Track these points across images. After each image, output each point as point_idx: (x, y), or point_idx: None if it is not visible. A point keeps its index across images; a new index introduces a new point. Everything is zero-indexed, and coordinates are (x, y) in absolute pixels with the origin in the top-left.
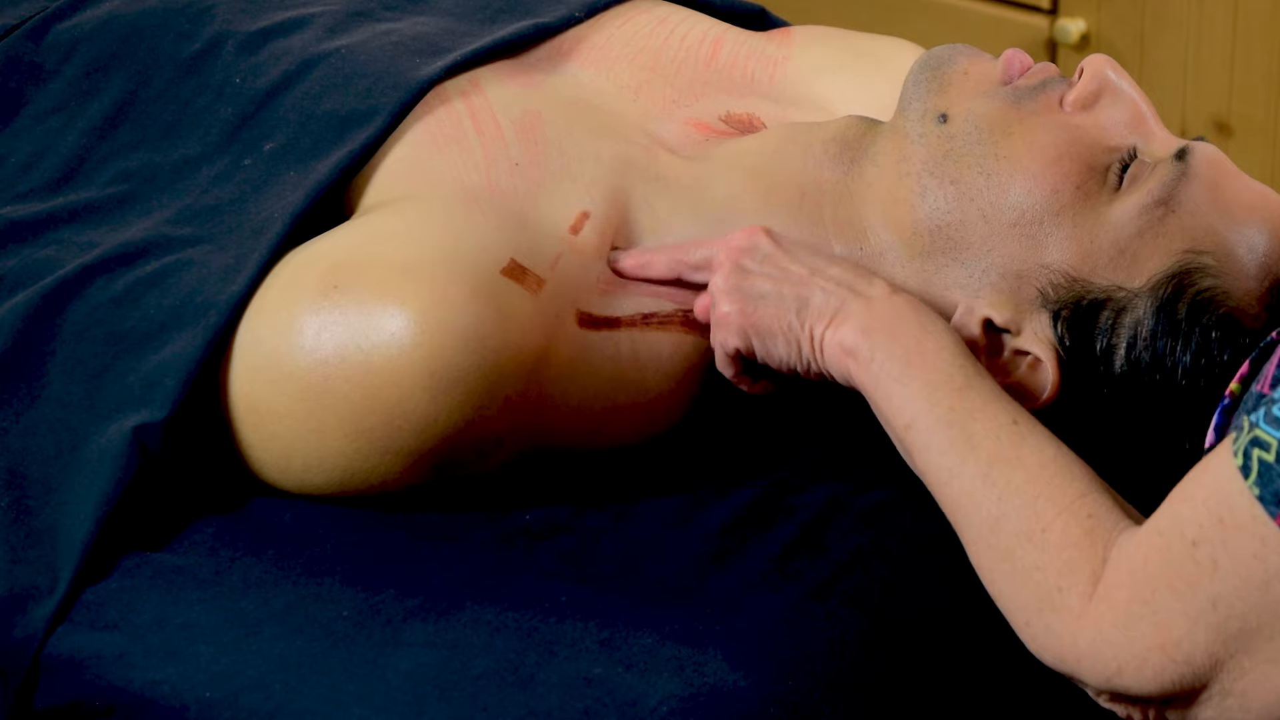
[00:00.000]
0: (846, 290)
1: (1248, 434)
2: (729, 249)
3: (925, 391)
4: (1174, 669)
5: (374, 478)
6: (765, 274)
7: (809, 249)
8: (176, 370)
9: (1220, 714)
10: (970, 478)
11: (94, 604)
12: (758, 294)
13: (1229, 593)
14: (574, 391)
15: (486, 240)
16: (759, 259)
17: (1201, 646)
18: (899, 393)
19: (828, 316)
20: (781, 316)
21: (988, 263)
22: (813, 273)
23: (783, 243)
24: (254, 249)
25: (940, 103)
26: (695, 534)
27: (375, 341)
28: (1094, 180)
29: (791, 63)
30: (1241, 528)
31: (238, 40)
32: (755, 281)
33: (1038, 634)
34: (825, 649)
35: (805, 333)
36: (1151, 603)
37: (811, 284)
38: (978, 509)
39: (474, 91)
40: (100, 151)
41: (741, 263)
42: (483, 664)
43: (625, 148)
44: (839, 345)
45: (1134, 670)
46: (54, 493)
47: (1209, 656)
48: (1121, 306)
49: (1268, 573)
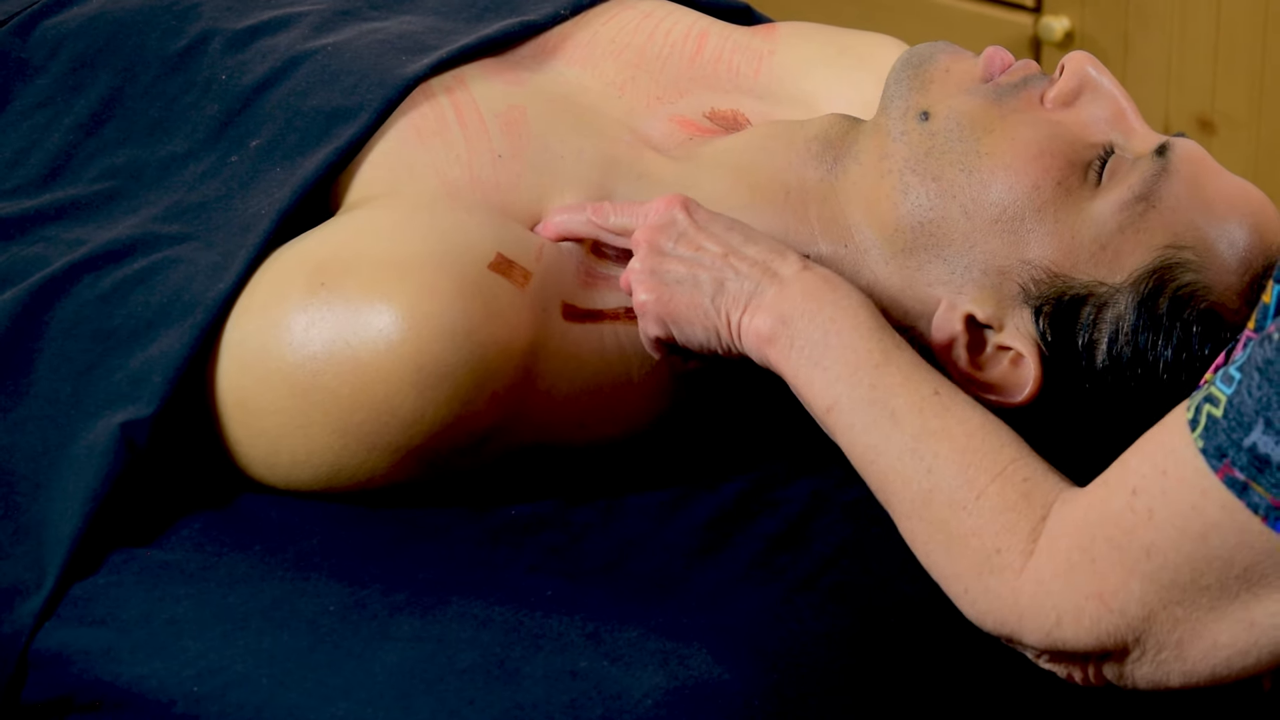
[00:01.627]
0: (761, 272)
1: (1203, 391)
2: (646, 229)
3: (845, 372)
4: (1109, 619)
5: (361, 473)
6: (680, 256)
7: (725, 221)
8: (164, 367)
9: (1156, 670)
10: (897, 454)
11: (81, 599)
12: (673, 279)
13: (1164, 542)
14: (561, 385)
15: (472, 235)
16: (674, 236)
17: (1136, 596)
18: (819, 377)
19: (743, 303)
20: (697, 304)
21: (970, 259)
22: (727, 253)
23: (698, 215)
24: (241, 246)
25: (922, 101)
26: (680, 528)
27: (363, 338)
28: (1075, 176)
29: (776, 57)
30: (1183, 480)
31: (224, 38)
32: (670, 265)
33: (976, 599)
34: (810, 642)
35: (722, 319)
36: (1089, 550)
37: (726, 266)
38: (907, 485)
39: (459, 87)
40: (87, 148)
41: (657, 243)
42: (469, 658)
43: (609, 145)
44: (756, 333)
45: (1072, 621)
46: (42, 489)
47: (1142, 607)
48: (1103, 302)
49: (1205, 525)
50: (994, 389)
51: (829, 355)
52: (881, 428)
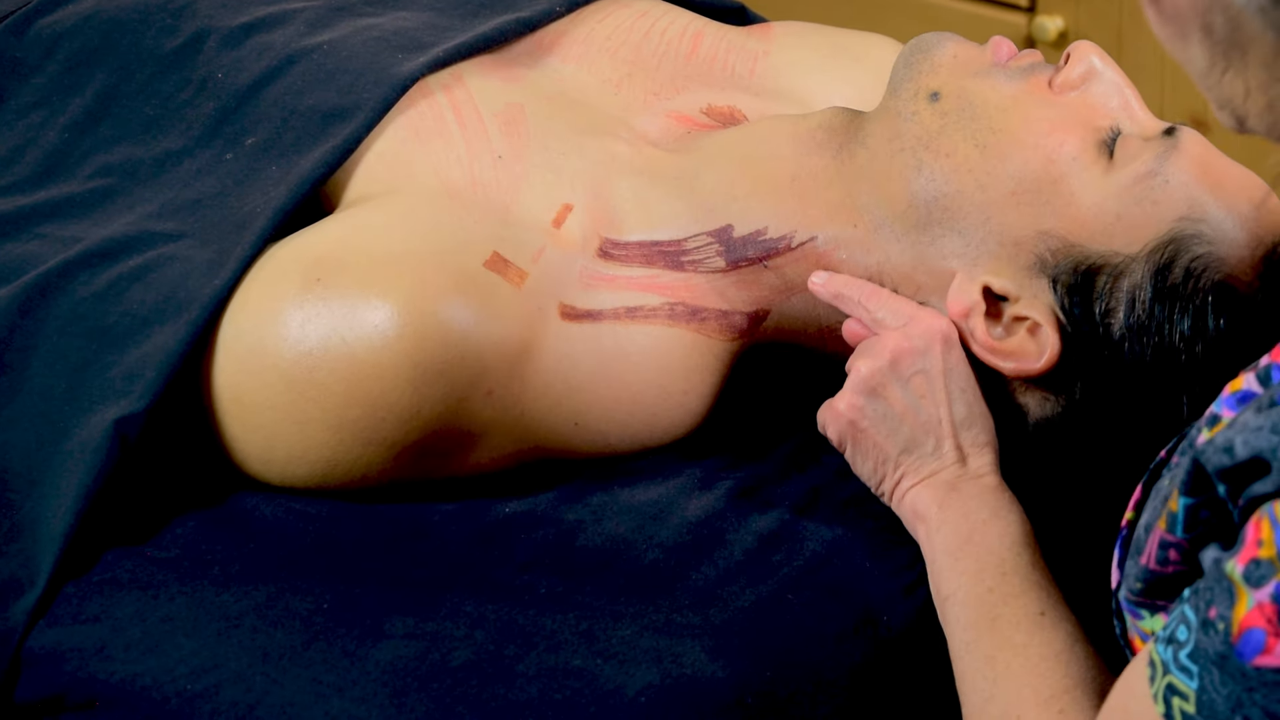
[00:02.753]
0: (955, 458)
1: (1163, 678)
2: (897, 345)
3: (973, 569)
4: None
5: (357, 470)
6: (903, 393)
7: (963, 382)
8: (159, 362)
9: None
10: (979, 656)
11: (75, 597)
12: (879, 413)
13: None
14: (556, 383)
15: (469, 233)
16: (914, 371)
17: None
18: (950, 566)
19: (921, 475)
20: (883, 447)
21: (985, 231)
22: (941, 421)
23: (950, 358)
24: (237, 243)
25: (932, 82)
26: (674, 525)
27: (359, 333)
28: (1089, 151)
29: (772, 57)
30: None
31: (220, 35)
32: (889, 394)
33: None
34: (803, 640)
35: (894, 474)
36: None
37: (929, 435)
38: (975, 688)
39: (456, 85)
40: (82, 146)
41: (897, 366)
42: (463, 655)
43: (608, 141)
44: (913, 507)
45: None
46: (36, 486)
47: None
48: (1119, 272)
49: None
50: (1013, 356)
51: (967, 550)
52: (979, 628)
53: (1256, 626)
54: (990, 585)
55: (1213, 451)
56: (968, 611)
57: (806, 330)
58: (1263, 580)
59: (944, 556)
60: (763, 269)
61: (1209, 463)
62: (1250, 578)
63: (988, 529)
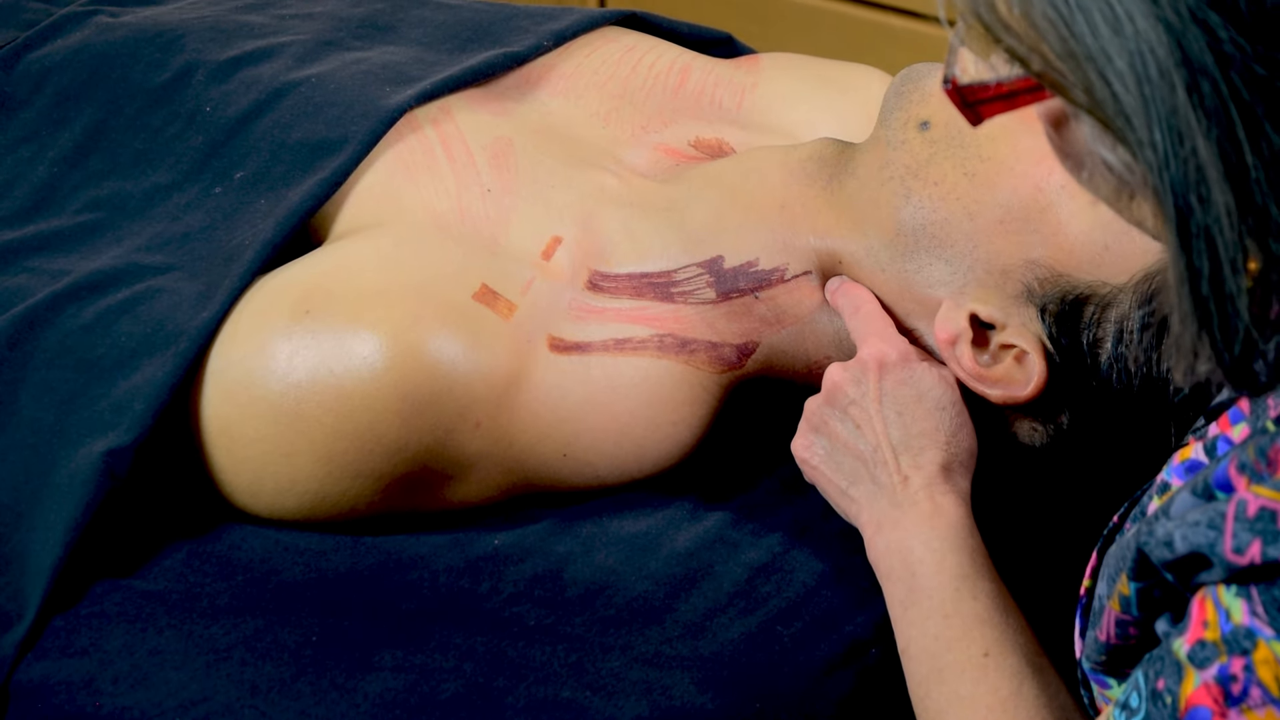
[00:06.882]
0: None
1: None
2: (834, 372)
3: (919, 618)
4: None
5: (345, 502)
6: (841, 430)
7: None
8: (146, 395)
9: None
10: (931, 713)
11: (63, 630)
12: (824, 449)
13: None
14: (544, 415)
15: (458, 266)
16: (846, 403)
17: None
18: (901, 617)
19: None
20: (834, 483)
21: (973, 259)
22: (878, 447)
23: (888, 381)
24: (225, 276)
25: (922, 111)
26: (663, 557)
27: (347, 366)
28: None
29: (759, 89)
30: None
31: (208, 69)
32: (830, 432)
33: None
34: (792, 671)
35: (853, 510)
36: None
37: (864, 466)
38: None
39: (445, 119)
40: (71, 180)
41: (833, 399)
42: (452, 688)
43: (597, 173)
44: (872, 556)
45: None
46: (24, 518)
47: None
48: (1107, 302)
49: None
50: (1000, 383)
51: (912, 599)
52: (929, 683)
53: (1202, 705)
54: (935, 633)
55: (1155, 544)
56: (919, 666)
57: (794, 367)
58: (1207, 662)
59: (897, 608)
60: (754, 300)
61: (1152, 554)
62: (1195, 659)
63: (927, 569)
